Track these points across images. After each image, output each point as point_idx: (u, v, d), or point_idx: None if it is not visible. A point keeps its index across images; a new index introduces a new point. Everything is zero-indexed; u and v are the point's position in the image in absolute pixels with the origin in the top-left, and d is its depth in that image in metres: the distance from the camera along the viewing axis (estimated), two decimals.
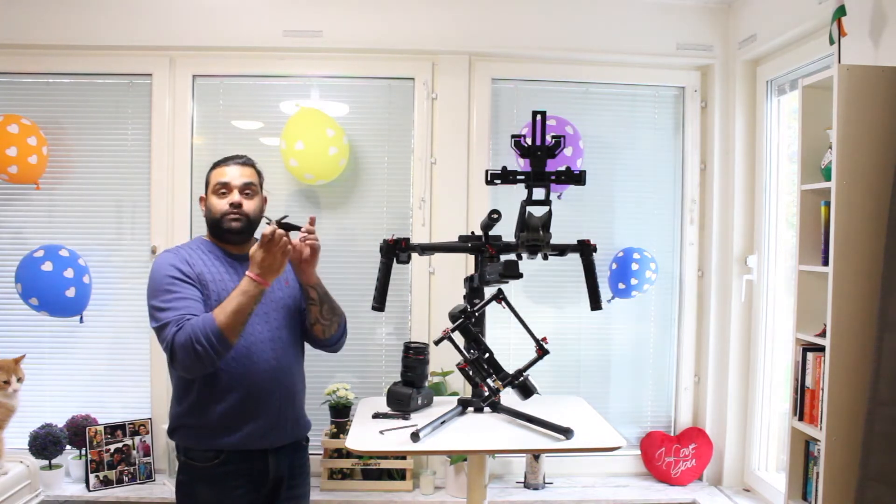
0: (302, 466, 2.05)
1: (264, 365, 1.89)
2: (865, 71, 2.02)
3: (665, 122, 3.19)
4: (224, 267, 1.94)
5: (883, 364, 1.88)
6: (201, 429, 1.88)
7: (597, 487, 3.00)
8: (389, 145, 3.09)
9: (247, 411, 1.87)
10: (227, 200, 1.93)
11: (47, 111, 2.99)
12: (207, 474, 1.88)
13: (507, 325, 2.97)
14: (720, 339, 3.08)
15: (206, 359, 1.74)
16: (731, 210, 3.04)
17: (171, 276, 1.84)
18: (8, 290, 2.92)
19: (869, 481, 1.89)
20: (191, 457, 1.90)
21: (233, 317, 1.74)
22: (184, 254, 1.92)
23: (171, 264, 1.86)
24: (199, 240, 2.01)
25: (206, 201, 1.98)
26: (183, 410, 1.90)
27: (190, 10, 2.94)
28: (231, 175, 1.95)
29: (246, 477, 1.90)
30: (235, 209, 1.93)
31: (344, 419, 2.90)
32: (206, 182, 2.00)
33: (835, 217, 2.03)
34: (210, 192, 1.97)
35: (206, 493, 1.89)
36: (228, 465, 1.87)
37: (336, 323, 2.02)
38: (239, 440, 1.87)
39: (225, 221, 1.93)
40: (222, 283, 1.89)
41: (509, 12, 3.00)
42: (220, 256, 1.96)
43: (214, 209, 1.95)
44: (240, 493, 1.89)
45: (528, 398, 1.73)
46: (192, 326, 1.74)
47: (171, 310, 1.79)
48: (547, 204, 1.66)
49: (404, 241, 1.98)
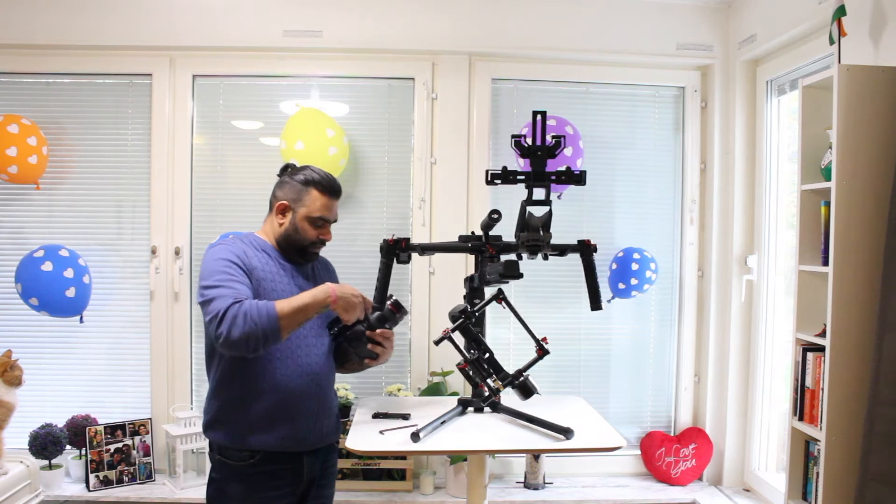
0: (332, 467, 2.06)
1: (307, 368, 1.89)
2: (865, 71, 2.02)
3: (665, 122, 3.19)
4: (276, 267, 1.94)
5: (883, 364, 1.88)
6: (239, 426, 1.85)
7: (597, 487, 3.00)
8: (389, 145, 3.09)
9: (285, 412, 1.85)
10: (320, 233, 1.97)
11: (47, 111, 2.99)
12: (241, 473, 1.85)
13: (507, 325, 2.98)
14: (720, 339, 3.08)
15: (252, 339, 1.70)
16: (731, 210, 3.04)
17: (228, 259, 1.83)
18: (8, 290, 2.92)
19: (869, 481, 1.89)
20: (225, 455, 1.87)
21: (293, 312, 1.75)
22: (240, 246, 1.90)
23: (230, 251, 1.86)
24: (252, 236, 1.99)
25: (295, 218, 1.95)
26: (221, 405, 1.88)
27: (190, 10, 2.94)
28: (333, 212, 1.99)
29: (280, 479, 1.88)
30: (322, 243, 1.99)
31: (344, 419, 2.90)
32: (300, 198, 1.95)
33: (835, 217, 2.03)
34: (303, 216, 1.94)
35: (238, 492, 1.86)
36: (264, 465, 1.85)
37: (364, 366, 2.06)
38: (276, 441, 1.84)
39: (309, 250, 1.98)
40: (273, 282, 1.89)
41: (509, 12, 3.00)
42: (275, 257, 1.95)
43: (306, 234, 1.95)
44: (273, 495, 1.87)
45: (528, 398, 1.74)
46: (252, 304, 1.73)
47: (227, 287, 1.76)
48: (547, 204, 1.66)
49: (404, 241, 1.99)
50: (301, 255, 1.97)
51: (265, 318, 1.71)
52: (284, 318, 1.73)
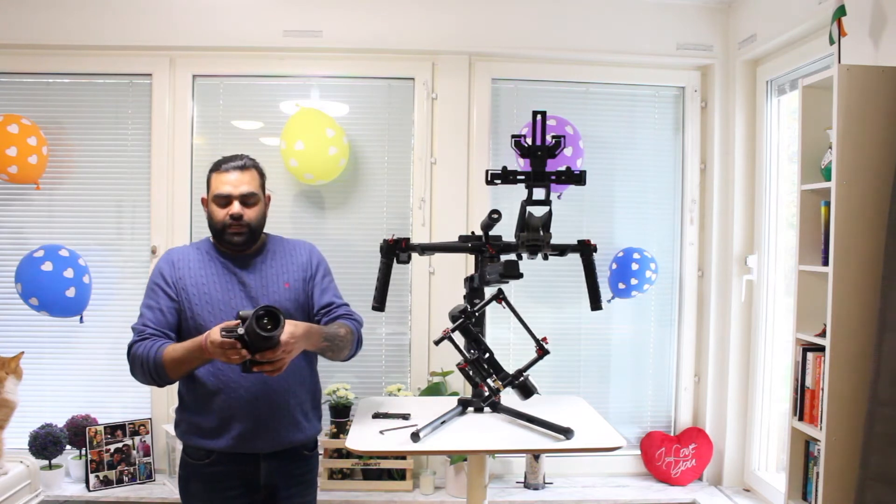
0: (302, 476, 1.99)
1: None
2: (865, 71, 2.02)
3: (665, 122, 3.19)
4: (217, 269, 1.93)
5: (883, 364, 1.88)
6: (193, 427, 1.90)
7: (597, 487, 3.00)
8: (389, 145, 3.09)
9: (232, 414, 1.86)
10: (227, 211, 1.89)
11: (47, 111, 2.99)
12: (201, 472, 1.90)
13: (507, 325, 2.98)
14: (720, 339, 3.08)
15: (147, 379, 1.83)
16: (731, 210, 3.04)
17: (154, 282, 1.92)
18: (8, 290, 2.92)
19: (869, 481, 1.89)
20: (187, 453, 1.94)
21: (176, 363, 1.78)
22: (176, 255, 1.95)
23: (159, 269, 1.93)
24: (202, 241, 2.02)
25: (208, 205, 1.95)
26: (180, 407, 1.95)
27: (190, 10, 2.94)
28: (231, 184, 1.89)
29: (237, 480, 1.90)
30: (236, 221, 1.89)
31: (344, 419, 2.91)
32: (207, 183, 1.97)
33: (835, 217, 2.03)
34: (212, 200, 1.93)
35: (200, 490, 1.91)
36: (219, 465, 1.89)
37: (346, 350, 1.94)
38: (227, 442, 1.86)
39: (227, 234, 1.91)
40: (204, 286, 1.89)
41: (509, 12, 3.00)
42: (217, 258, 1.95)
43: (216, 218, 1.92)
44: (232, 495, 1.89)
45: (528, 398, 1.73)
46: (145, 348, 1.81)
47: (142, 317, 1.89)
48: (547, 204, 1.66)
49: (404, 241, 1.98)
50: (226, 241, 1.92)
51: (153, 363, 1.79)
52: (169, 365, 1.79)
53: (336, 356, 1.94)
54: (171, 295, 1.89)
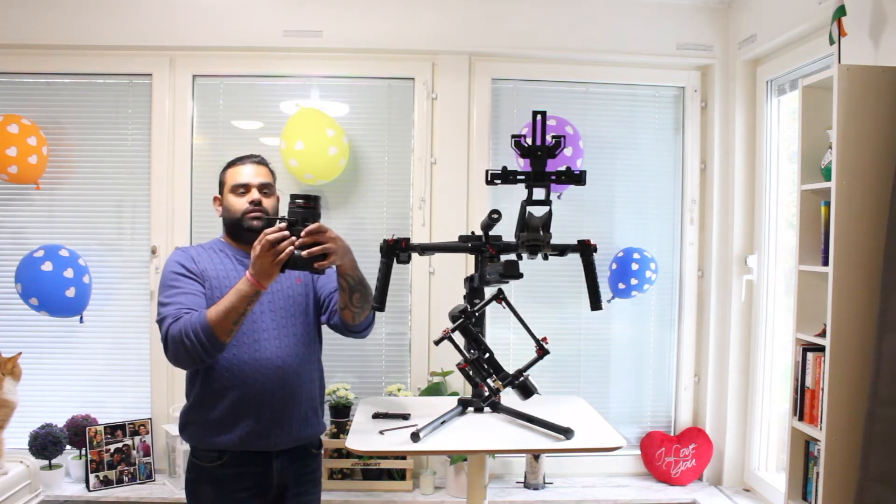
0: (311, 474, 2.02)
1: (266, 362, 1.88)
2: (865, 71, 2.02)
3: (665, 122, 3.19)
4: (233, 264, 1.95)
5: (883, 364, 1.88)
6: (203, 426, 1.87)
7: (597, 487, 3.00)
8: (389, 145, 3.09)
9: (246, 408, 1.85)
10: (246, 199, 1.94)
11: (47, 111, 2.99)
12: (211, 475, 1.87)
13: (507, 325, 2.98)
14: (720, 339, 3.08)
15: (195, 354, 1.73)
16: (731, 210, 3.04)
17: (175, 273, 1.87)
18: (8, 290, 2.92)
19: (869, 481, 1.89)
20: (196, 455, 1.91)
21: (224, 315, 1.72)
22: (192, 252, 1.94)
23: (177, 261, 1.89)
24: (214, 240, 2.03)
25: (223, 201, 1.98)
26: (189, 406, 1.92)
27: (190, 10, 2.94)
28: (248, 175, 1.96)
29: (249, 481, 1.88)
30: (256, 207, 1.93)
31: (344, 419, 2.91)
32: (221, 182, 2.01)
33: (835, 217, 2.03)
34: (227, 192, 1.97)
35: (209, 493, 1.88)
36: (231, 467, 1.87)
37: (367, 305, 1.96)
38: (238, 439, 1.85)
39: (246, 220, 1.93)
40: (227, 279, 1.89)
41: (509, 12, 3.00)
42: (232, 256, 1.96)
43: (234, 208, 1.95)
44: (243, 497, 1.88)
45: (528, 398, 1.73)
46: (185, 321, 1.75)
47: (171, 304, 1.81)
48: (547, 204, 1.66)
49: (404, 241, 1.98)
50: (245, 227, 1.92)
51: (200, 330, 1.72)
52: (217, 324, 1.72)
53: (362, 303, 1.93)
54: (198, 282, 1.88)
